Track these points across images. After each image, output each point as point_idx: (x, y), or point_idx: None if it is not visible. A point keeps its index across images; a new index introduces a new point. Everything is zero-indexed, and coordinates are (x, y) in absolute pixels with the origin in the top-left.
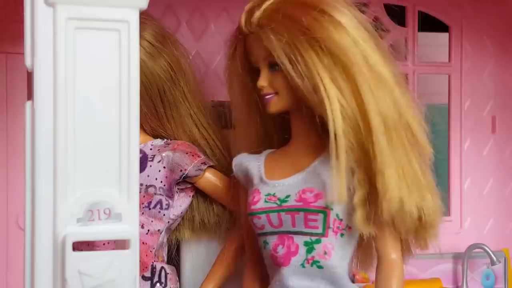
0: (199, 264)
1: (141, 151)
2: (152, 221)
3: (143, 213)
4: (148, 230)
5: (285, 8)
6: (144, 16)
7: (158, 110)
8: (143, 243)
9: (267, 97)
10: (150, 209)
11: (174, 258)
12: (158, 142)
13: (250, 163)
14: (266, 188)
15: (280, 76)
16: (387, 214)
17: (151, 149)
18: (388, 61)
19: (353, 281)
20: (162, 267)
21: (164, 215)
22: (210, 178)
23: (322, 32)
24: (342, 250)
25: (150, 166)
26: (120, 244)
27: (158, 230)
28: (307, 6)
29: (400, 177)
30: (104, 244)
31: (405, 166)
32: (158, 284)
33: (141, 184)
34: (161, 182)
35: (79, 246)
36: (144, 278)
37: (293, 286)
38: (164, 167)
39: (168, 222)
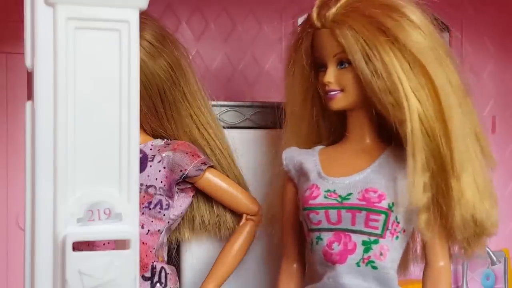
0: (199, 264)
1: (141, 151)
2: (152, 221)
3: (143, 213)
4: (148, 230)
5: (364, 7)
6: (144, 16)
7: (158, 110)
8: (143, 243)
9: (332, 93)
10: (150, 209)
11: (174, 258)
12: (158, 142)
13: (304, 158)
14: (326, 184)
15: (349, 73)
16: (460, 220)
17: (151, 149)
18: (456, 67)
19: None
20: (162, 267)
21: (164, 215)
22: (210, 178)
23: (402, 34)
24: (395, 253)
25: (150, 166)
26: (120, 244)
27: (158, 230)
28: (387, 7)
29: (475, 185)
30: (104, 244)
31: (478, 174)
32: (158, 284)
33: (141, 184)
34: (161, 182)
35: (79, 246)
36: (144, 278)
37: (347, 284)
38: (164, 167)
39: (168, 222)
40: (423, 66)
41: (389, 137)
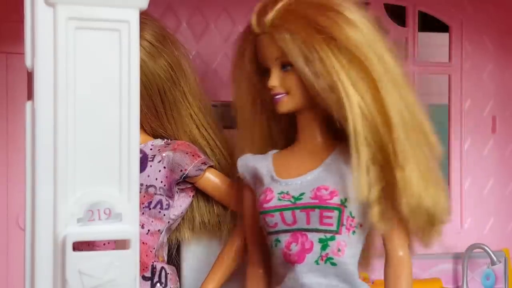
0: (199, 264)
1: (141, 151)
2: (152, 221)
3: (143, 213)
4: (149, 230)
5: (299, 8)
6: (144, 16)
7: (158, 110)
8: (143, 243)
9: (278, 96)
10: (150, 209)
11: (174, 258)
12: (158, 142)
13: (257, 163)
14: (279, 187)
15: (292, 75)
16: (407, 209)
17: (151, 149)
18: (397, 61)
19: None
20: (162, 267)
21: (164, 215)
22: (211, 178)
23: (338, 31)
24: (353, 248)
25: (150, 166)
26: (120, 244)
27: (158, 230)
28: (322, 6)
29: (419, 174)
30: (104, 244)
31: (422, 163)
32: (158, 284)
33: (141, 184)
34: (161, 182)
35: (79, 246)
36: (144, 278)
37: (307, 283)
38: (165, 167)
39: (169, 222)
40: (361, 61)
41: (340, 135)
